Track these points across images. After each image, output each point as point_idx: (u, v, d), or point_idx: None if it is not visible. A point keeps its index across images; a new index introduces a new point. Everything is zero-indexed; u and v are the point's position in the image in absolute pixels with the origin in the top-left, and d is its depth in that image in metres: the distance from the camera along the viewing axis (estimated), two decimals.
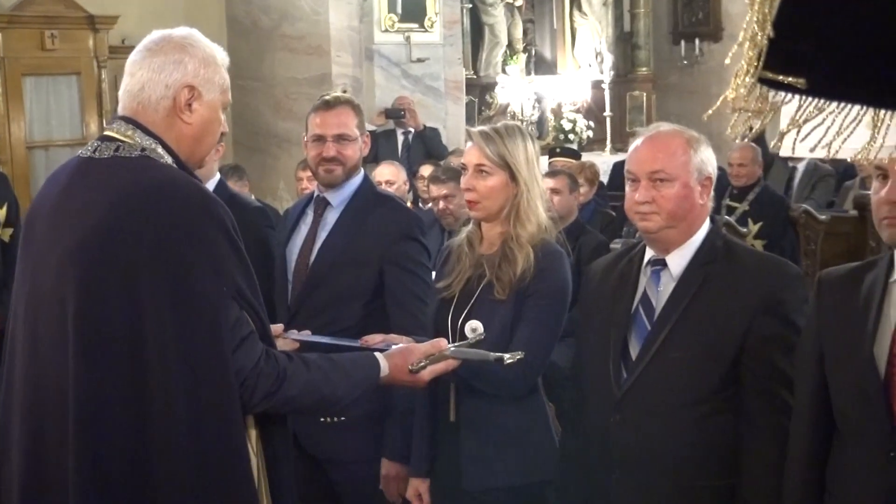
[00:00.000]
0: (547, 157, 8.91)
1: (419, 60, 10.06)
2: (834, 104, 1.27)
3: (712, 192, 2.93)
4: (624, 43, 14.65)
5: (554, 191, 6.09)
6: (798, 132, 1.29)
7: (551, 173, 6.57)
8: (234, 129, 9.71)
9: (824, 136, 1.28)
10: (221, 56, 2.66)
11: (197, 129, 2.60)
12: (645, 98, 14.41)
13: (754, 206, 7.79)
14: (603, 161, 11.04)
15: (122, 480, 2.37)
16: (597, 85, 14.03)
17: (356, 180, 3.85)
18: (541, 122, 13.56)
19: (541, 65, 14.19)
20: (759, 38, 1.22)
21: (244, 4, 10.24)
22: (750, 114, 1.32)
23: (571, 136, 13.62)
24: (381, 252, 3.69)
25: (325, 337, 3.12)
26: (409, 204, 6.51)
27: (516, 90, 13.55)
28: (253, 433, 2.55)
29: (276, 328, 2.93)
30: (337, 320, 3.60)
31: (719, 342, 2.78)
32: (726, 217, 7.59)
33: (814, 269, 6.99)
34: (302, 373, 2.55)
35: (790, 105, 1.28)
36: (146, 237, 2.38)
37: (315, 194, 3.92)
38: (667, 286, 2.89)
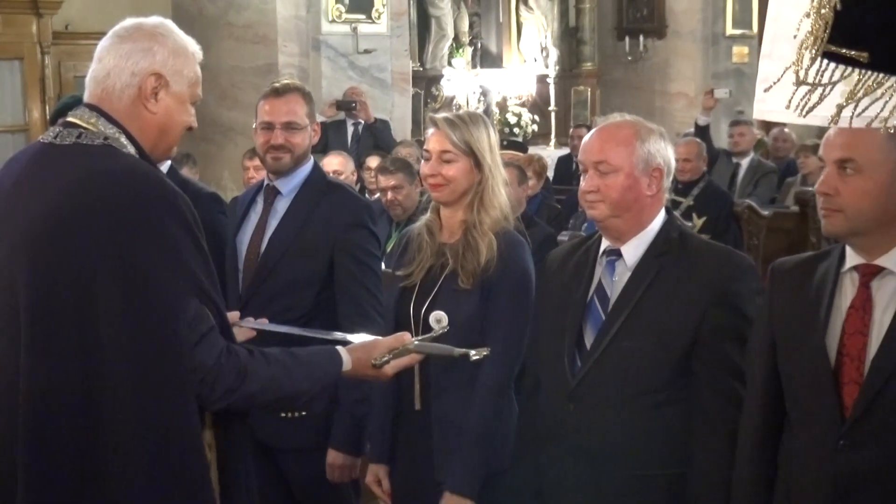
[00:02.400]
0: None
1: (366, 52, 10.04)
2: (893, 79, 1.28)
3: (666, 184, 2.96)
4: (569, 38, 14.73)
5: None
6: (856, 106, 1.30)
7: None
8: None
9: (882, 110, 1.29)
10: (193, 49, 2.60)
11: (161, 119, 2.53)
12: (589, 93, 14.49)
13: (699, 201, 7.84)
14: (547, 155, 11.09)
15: (73, 478, 2.31)
16: (542, 79, 14.12)
17: (306, 168, 3.81)
18: (486, 116, 13.55)
19: (486, 58, 14.24)
20: (825, 10, 1.23)
21: None
22: (810, 87, 1.32)
23: (516, 130, 13.69)
24: (332, 240, 3.67)
25: (283, 325, 3.08)
26: None
27: (462, 83, 13.58)
28: (208, 433, 2.50)
29: (233, 316, 2.84)
30: (288, 309, 3.56)
31: (672, 333, 2.81)
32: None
33: (756, 264, 7.08)
34: (263, 368, 2.48)
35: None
36: (101, 228, 2.32)
37: (265, 183, 3.88)
38: (622, 276, 2.91)
